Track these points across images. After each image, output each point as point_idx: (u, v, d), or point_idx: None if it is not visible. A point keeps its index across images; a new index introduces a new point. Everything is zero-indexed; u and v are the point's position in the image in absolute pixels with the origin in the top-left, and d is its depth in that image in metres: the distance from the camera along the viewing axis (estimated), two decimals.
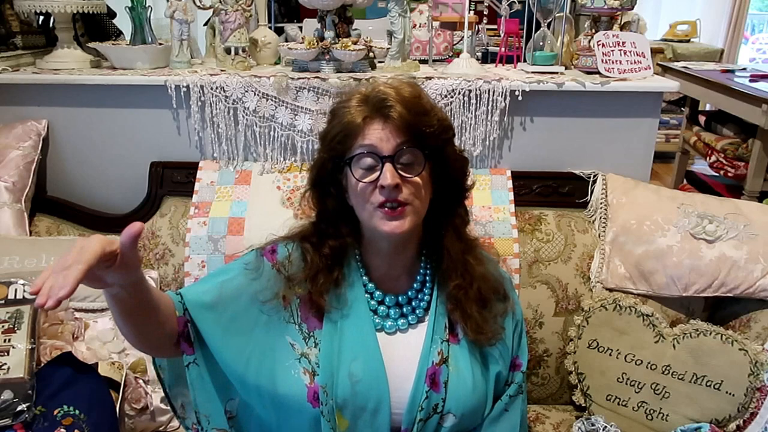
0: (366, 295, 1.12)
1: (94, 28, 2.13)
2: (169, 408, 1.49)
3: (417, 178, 1.04)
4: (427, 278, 1.16)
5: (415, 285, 1.15)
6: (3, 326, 1.34)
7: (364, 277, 1.13)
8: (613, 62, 1.71)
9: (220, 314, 1.07)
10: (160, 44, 1.83)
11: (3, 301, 1.37)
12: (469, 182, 1.16)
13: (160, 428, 1.50)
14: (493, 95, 1.67)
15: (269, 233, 1.19)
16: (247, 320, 1.09)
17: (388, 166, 1.01)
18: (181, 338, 1.07)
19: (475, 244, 1.19)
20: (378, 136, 1.03)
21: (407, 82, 1.10)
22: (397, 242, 1.10)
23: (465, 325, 1.11)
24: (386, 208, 1.03)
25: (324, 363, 1.05)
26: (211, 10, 1.80)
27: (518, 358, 1.21)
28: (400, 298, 1.14)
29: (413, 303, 1.14)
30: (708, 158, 3.47)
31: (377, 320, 1.12)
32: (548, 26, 1.78)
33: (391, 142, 1.02)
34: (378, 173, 1.02)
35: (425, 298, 1.15)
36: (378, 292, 1.13)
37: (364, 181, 1.03)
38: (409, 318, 1.13)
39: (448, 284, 1.13)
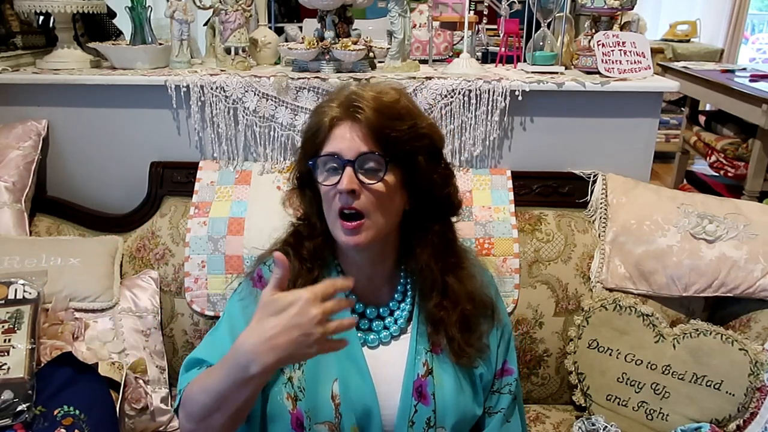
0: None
1: (94, 28, 2.13)
2: (169, 408, 1.50)
3: (378, 186, 0.99)
4: (408, 287, 1.12)
5: (396, 296, 1.12)
6: (3, 326, 1.33)
7: None
8: (613, 62, 1.71)
9: None
10: (160, 44, 1.83)
11: (3, 301, 1.37)
12: (456, 198, 1.10)
13: (160, 428, 1.50)
14: (493, 95, 1.66)
15: (271, 233, 1.18)
16: None
17: (347, 171, 0.98)
18: None
19: (461, 261, 1.12)
20: (343, 138, 1.00)
21: (393, 86, 1.06)
22: (368, 254, 1.07)
23: (447, 347, 1.08)
24: (343, 220, 0.99)
25: (308, 386, 1.02)
26: (211, 10, 1.80)
27: (507, 363, 1.18)
28: (381, 310, 1.11)
29: (395, 314, 1.11)
30: (708, 158, 3.48)
31: (359, 334, 1.08)
32: (548, 26, 1.78)
33: (355, 145, 0.99)
34: (339, 177, 0.99)
35: (407, 308, 1.11)
36: (359, 304, 1.10)
37: (325, 184, 1.01)
38: (392, 329, 1.10)
39: (427, 301, 1.09)
